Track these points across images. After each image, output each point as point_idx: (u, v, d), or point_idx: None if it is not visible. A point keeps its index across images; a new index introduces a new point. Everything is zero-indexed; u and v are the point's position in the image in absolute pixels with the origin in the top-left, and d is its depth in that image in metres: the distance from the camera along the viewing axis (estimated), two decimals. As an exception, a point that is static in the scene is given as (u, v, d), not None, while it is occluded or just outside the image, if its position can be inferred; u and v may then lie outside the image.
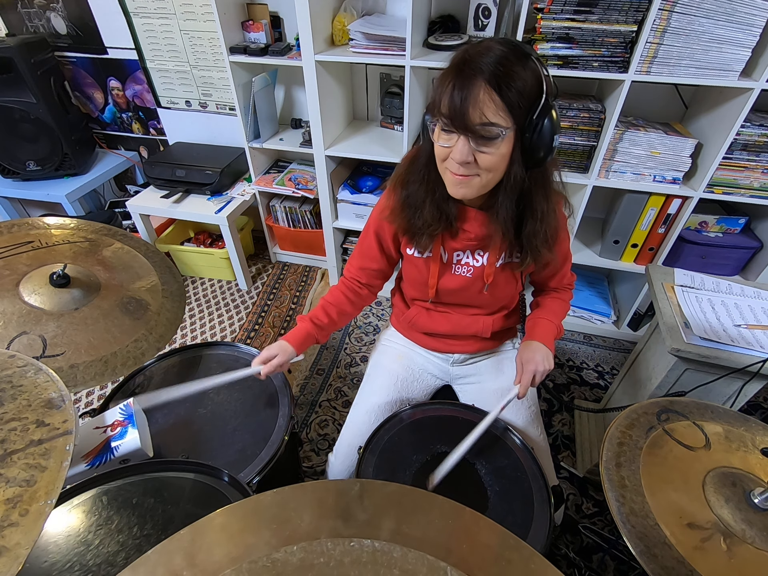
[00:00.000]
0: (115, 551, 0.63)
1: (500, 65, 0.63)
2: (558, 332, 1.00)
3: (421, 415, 0.97)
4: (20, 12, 2.05)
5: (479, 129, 0.66)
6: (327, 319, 0.99)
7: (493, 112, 0.65)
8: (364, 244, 0.99)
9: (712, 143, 1.40)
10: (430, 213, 0.82)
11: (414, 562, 0.40)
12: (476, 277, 0.93)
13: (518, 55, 0.65)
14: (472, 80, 0.64)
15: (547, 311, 1.02)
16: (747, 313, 1.09)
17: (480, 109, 0.65)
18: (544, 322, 0.98)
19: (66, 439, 0.50)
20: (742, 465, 0.72)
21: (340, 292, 1.03)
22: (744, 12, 1.15)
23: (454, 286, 0.95)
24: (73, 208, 2.17)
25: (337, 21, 1.58)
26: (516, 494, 0.82)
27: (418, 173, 0.82)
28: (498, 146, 0.68)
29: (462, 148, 0.68)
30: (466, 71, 0.65)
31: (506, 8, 1.38)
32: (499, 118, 0.65)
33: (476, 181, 0.73)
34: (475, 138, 0.67)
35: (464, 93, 0.64)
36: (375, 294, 1.08)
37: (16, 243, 0.97)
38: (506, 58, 0.64)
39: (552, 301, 1.04)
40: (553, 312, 1.02)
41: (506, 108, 0.65)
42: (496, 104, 0.64)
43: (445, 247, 0.91)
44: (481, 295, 0.95)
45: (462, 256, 0.92)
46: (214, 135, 2.24)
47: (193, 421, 0.95)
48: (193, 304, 2.12)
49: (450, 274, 0.94)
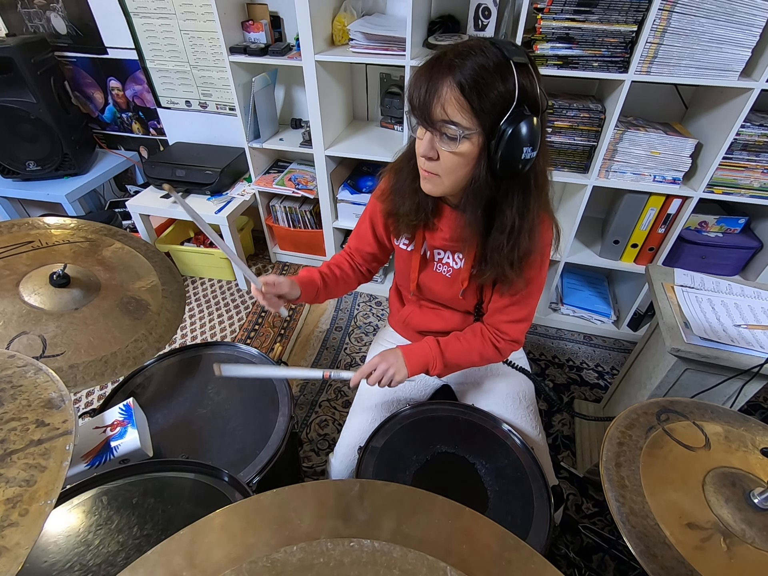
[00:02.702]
0: (115, 551, 0.63)
1: (473, 67, 0.62)
2: (428, 366, 0.90)
3: (420, 415, 0.97)
4: (20, 12, 2.05)
5: (440, 125, 0.66)
6: (330, 273, 1.01)
7: (455, 111, 0.64)
8: (360, 228, 1.02)
9: (712, 143, 1.40)
10: (410, 203, 0.84)
11: (414, 562, 0.40)
12: (454, 278, 0.93)
13: (497, 59, 0.63)
14: (440, 76, 0.64)
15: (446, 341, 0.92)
16: (747, 313, 1.09)
17: (442, 105, 0.65)
18: (425, 346, 0.91)
19: (66, 439, 0.50)
20: (742, 465, 0.72)
21: (342, 258, 1.06)
22: (744, 12, 1.15)
23: (434, 285, 0.96)
24: (73, 208, 2.17)
25: (337, 21, 1.59)
26: (516, 494, 0.82)
27: (407, 163, 0.83)
28: (458, 146, 0.67)
29: (426, 142, 0.69)
30: (436, 66, 0.65)
31: (506, 8, 1.38)
32: (460, 118, 0.65)
33: (438, 180, 0.74)
34: (438, 134, 0.68)
35: (429, 87, 0.65)
36: (369, 276, 1.11)
37: (16, 243, 0.97)
38: (482, 61, 0.63)
39: (472, 338, 0.93)
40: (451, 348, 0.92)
41: (471, 109, 0.64)
42: (460, 104, 0.64)
43: (427, 242, 0.92)
44: (458, 299, 0.96)
45: (443, 256, 0.93)
46: (214, 135, 2.24)
47: (193, 421, 0.95)
48: (193, 304, 2.12)
49: (431, 271, 0.96)
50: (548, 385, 1.72)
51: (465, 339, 0.94)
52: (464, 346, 0.93)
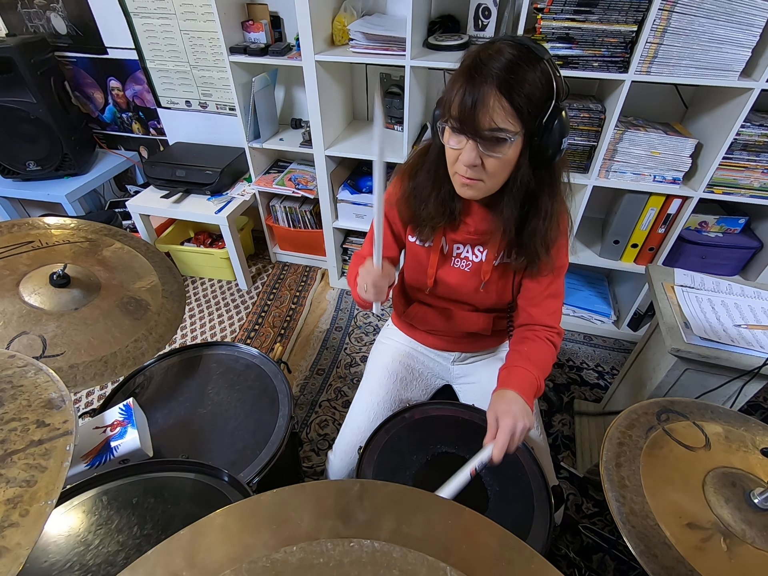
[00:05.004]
0: (115, 551, 0.63)
1: (511, 71, 0.64)
2: (538, 388, 0.83)
3: (421, 415, 0.97)
4: (20, 12, 2.05)
5: (488, 134, 0.67)
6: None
7: (503, 119, 0.65)
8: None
9: (712, 143, 1.40)
10: (435, 207, 0.83)
11: (414, 562, 0.40)
12: (474, 272, 0.93)
13: (530, 59, 0.65)
14: (483, 86, 0.64)
15: (527, 358, 0.85)
16: (747, 313, 1.09)
17: (489, 114, 0.65)
18: (521, 372, 0.83)
19: (66, 440, 0.50)
20: (742, 465, 0.72)
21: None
22: (744, 12, 1.15)
23: (452, 280, 0.95)
24: (73, 208, 2.17)
25: (337, 21, 1.58)
26: (516, 494, 0.82)
27: (428, 168, 0.82)
28: (505, 151, 0.69)
29: (470, 151, 0.69)
30: (477, 76, 0.65)
31: (506, 8, 1.38)
32: (508, 124, 0.66)
33: (481, 185, 0.74)
34: (484, 142, 0.68)
35: (474, 98, 0.65)
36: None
37: (16, 243, 0.97)
38: (517, 63, 0.64)
39: (539, 345, 0.88)
40: (536, 361, 0.85)
41: (515, 114, 0.65)
42: (506, 110, 0.65)
43: (446, 237, 0.91)
44: (477, 293, 0.95)
45: (462, 250, 0.92)
46: (214, 135, 2.24)
47: (193, 421, 0.95)
48: (193, 304, 2.12)
49: (449, 266, 0.94)
50: (548, 385, 1.72)
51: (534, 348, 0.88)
52: (541, 355, 0.87)
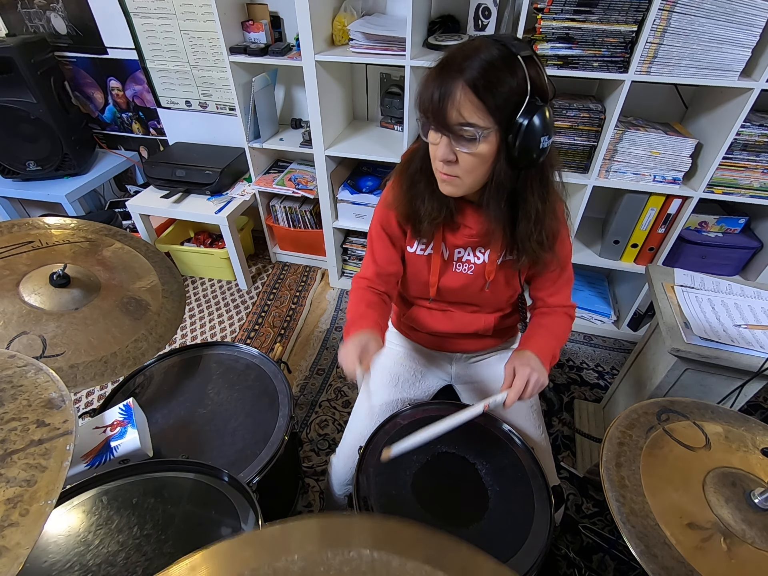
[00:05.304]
0: (115, 551, 0.63)
1: (482, 66, 0.63)
2: (554, 356, 0.88)
3: (421, 415, 0.96)
4: (20, 12, 2.05)
5: (457, 129, 0.67)
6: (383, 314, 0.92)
7: (471, 113, 0.65)
8: (376, 248, 0.94)
9: (712, 143, 1.40)
10: (431, 204, 0.83)
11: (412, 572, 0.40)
12: (477, 274, 0.92)
13: (504, 56, 0.64)
14: (451, 80, 0.65)
15: (548, 328, 0.93)
16: (747, 313, 1.09)
17: (457, 108, 0.65)
18: (539, 339, 0.90)
19: (66, 439, 0.50)
20: (742, 465, 0.72)
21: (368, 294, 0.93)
22: (744, 12, 1.15)
23: (455, 285, 0.94)
24: (73, 208, 2.17)
25: (337, 21, 1.58)
26: (516, 494, 0.82)
27: (419, 167, 0.82)
28: (477, 146, 0.68)
29: (444, 147, 0.70)
30: (447, 71, 0.65)
31: (506, 8, 1.38)
32: (477, 119, 0.65)
33: (459, 182, 0.74)
34: (455, 137, 0.68)
35: (442, 92, 0.65)
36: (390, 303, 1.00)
37: (16, 243, 0.97)
38: (488, 60, 0.64)
39: (557, 318, 0.94)
40: (555, 331, 0.92)
41: (485, 109, 0.65)
42: (474, 105, 0.64)
43: (446, 243, 0.90)
44: (482, 293, 0.95)
45: (463, 254, 0.92)
46: (214, 135, 2.24)
47: (193, 421, 0.95)
48: (193, 304, 2.12)
49: (451, 272, 0.94)
50: (548, 385, 1.72)
51: (553, 321, 0.94)
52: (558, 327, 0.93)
